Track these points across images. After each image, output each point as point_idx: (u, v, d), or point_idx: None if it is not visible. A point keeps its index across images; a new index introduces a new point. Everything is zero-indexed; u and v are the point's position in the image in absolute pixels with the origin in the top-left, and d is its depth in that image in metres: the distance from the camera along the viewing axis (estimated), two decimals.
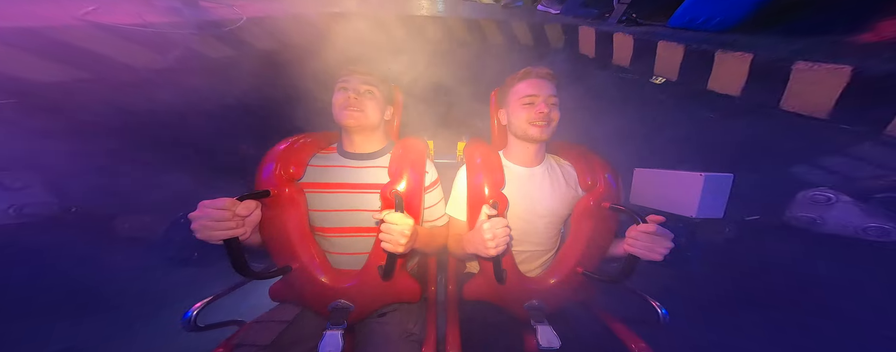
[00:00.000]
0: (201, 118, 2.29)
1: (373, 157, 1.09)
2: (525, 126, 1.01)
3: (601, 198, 1.03)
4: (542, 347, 0.86)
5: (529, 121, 1.00)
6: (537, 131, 1.00)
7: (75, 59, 1.86)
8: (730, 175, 1.58)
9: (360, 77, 1.04)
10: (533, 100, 1.00)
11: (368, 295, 0.98)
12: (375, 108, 1.05)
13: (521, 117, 1.02)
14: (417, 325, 1.00)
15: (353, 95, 1.00)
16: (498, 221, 0.79)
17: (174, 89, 2.15)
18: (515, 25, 3.34)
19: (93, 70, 1.96)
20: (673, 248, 0.82)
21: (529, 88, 1.01)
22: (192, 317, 0.86)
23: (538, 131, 1.00)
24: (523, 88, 1.02)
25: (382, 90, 1.08)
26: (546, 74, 1.02)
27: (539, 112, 0.98)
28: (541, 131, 1.00)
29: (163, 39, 2.08)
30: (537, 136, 1.00)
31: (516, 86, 1.04)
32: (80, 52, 1.83)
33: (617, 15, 2.82)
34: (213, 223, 0.73)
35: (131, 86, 2.09)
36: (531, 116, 0.99)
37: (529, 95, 1.00)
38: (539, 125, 0.99)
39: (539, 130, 0.99)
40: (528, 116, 1.00)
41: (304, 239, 0.97)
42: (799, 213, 1.91)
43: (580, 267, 1.02)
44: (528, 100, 1.00)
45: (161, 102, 2.11)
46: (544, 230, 1.09)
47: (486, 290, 1.05)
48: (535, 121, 0.99)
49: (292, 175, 0.96)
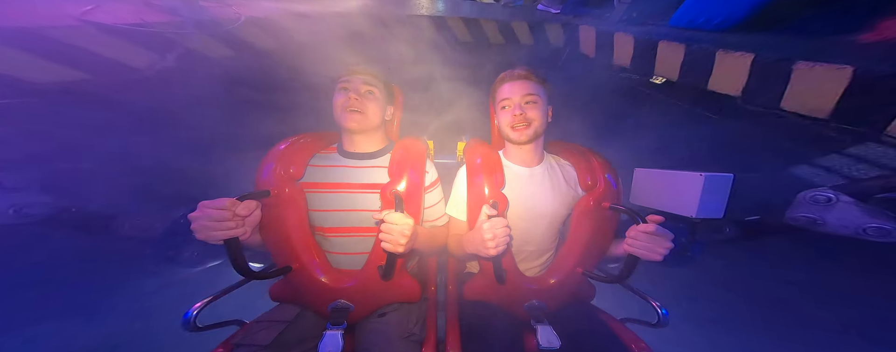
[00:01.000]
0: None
1: (373, 157, 1.09)
2: (506, 130, 1.03)
3: (601, 198, 1.03)
4: (542, 347, 0.86)
5: (508, 124, 1.01)
6: (516, 134, 1.01)
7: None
8: (730, 175, 1.57)
9: (362, 77, 1.04)
10: (507, 103, 1.02)
11: (368, 295, 0.98)
12: (376, 108, 1.05)
13: (502, 121, 1.04)
14: (417, 325, 1.00)
15: (353, 96, 1.00)
16: (498, 221, 0.79)
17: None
18: (515, 25, 3.33)
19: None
20: (673, 248, 0.82)
21: (504, 91, 1.02)
22: (192, 317, 0.86)
23: (516, 134, 1.01)
24: (500, 91, 1.04)
25: (383, 90, 1.08)
26: (521, 75, 1.02)
27: (512, 115, 0.99)
28: (519, 134, 1.00)
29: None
30: (516, 138, 1.02)
31: (496, 90, 1.06)
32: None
33: (617, 14, 2.82)
34: (213, 223, 0.73)
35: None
36: (508, 119, 1.01)
37: (505, 98, 1.02)
38: (518, 128, 1.00)
39: (517, 133, 1.01)
40: (506, 120, 1.02)
41: (305, 239, 0.97)
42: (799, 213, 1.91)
43: (580, 267, 1.02)
44: (505, 103, 1.02)
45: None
46: (544, 230, 1.09)
47: (486, 290, 1.05)
48: (512, 124, 1.00)
49: (292, 175, 0.96)
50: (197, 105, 2.28)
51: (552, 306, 1.02)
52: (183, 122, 2.27)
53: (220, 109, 2.40)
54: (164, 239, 2.03)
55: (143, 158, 2.20)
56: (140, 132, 2.18)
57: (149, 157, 2.21)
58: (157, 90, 2.18)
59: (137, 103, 2.13)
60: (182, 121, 2.27)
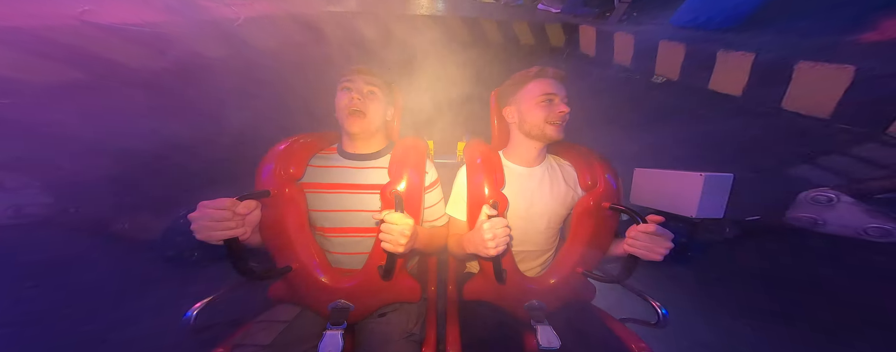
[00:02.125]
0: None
1: (373, 157, 1.09)
2: (542, 125, 1.01)
3: (601, 198, 1.03)
4: (542, 347, 0.85)
5: (548, 120, 1.00)
6: (555, 130, 1.00)
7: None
8: (730, 175, 1.57)
9: (364, 77, 1.03)
10: (552, 98, 1.00)
11: (369, 295, 0.98)
12: (378, 109, 1.05)
13: (539, 116, 1.01)
14: (417, 325, 1.00)
15: (356, 96, 1.00)
16: (498, 221, 0.79)
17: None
18: (516, 24, 3.33)
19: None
20: (673, 248, 0.82)
21: (547, 87, 1.01)
22: (191, 317, 0.86)
23: (555, 130, 1.00)
24: (540, 86, 1.02)
25: (384, 90, 1.08)
26: (561, 75, 1.04)
27: (560, 112, 0.99)
28: (558, 131, 1.00)
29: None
30: (554, 135, 1.01)
31: (530, 84, 1.03)
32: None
33: (618, 14, 2.82)
34: (213, 223, 0.73)
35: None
36: (551, 115, 0.99)
37: (548, 94, 1.00)
38: (557, 125, 1.00)
39: (556, 129, 1.00)
40: (548, 116, 1.00)
41: (304, 239, 0.97)
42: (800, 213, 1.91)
43: (580, 267, 1.02)
44: (546, 98, 1.00)
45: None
46: (544, 230, 1.09)
47: (486, 290, 1.05)
48: (555, 121, 1.00)
49: (292, 175, 0.96)
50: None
51: (552, 306, 1.02)
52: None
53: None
54: (164, 239, 2.03)
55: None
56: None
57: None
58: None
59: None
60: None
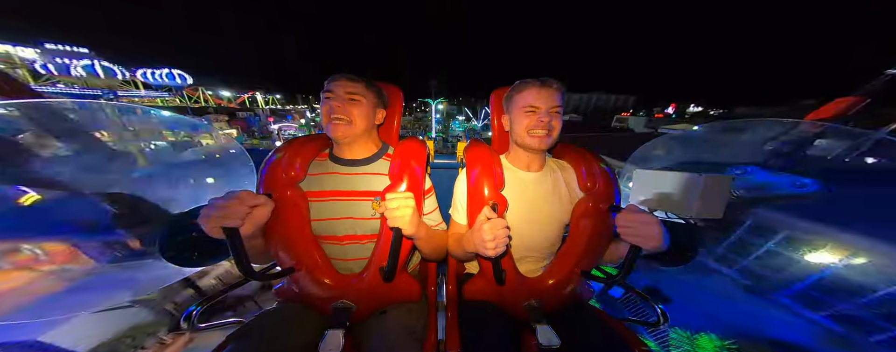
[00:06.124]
0: None
1: (364, 163, 1.08)
2: (523, 134, 1.01)
3: (600, 199, 1.03)
4: (541, 346, 0.86)
5: (528, 129, 1.00)
6: (536, 141, 1.00)
7: None
8: (730, 175, 1.58)
9: (344, 85, 1.01)
10: (534, 109, 0.99)
11: (370, 295, 0.99)
12: (361, 115, 1.02)
13: (522, 125, 1.01)
14: (418, 324, 1.00)
15: (336, 104, 0.98)
16: (498, 223, 0.79)
17: None
18: None
19: None
20: (672, 248, 0.82)
21: (531, 97, 0.99)
22: (192, 317, 0.86)
23: (537, 141, 1.00)
24: (525, 96, 1.00)
25: (369, 95, 1.04)
26: (551, 85, 0.99)
27: (539, 121, 0.98)
28: (539, 141, 0.99)
29: None
30: (535, 145, 1.00)
31: (520, 94, 1.02)
32: None
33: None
34: (219, 210, 0.74)
35: None
36: (531, 124, 0.99)
37: (530, 104, 0.99)
38: (538, 135, 0.99)
39: (538, 140, 0.99)
40: (528, 124, 1.00)
41: (306, 241, 0.98)
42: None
43: (579, 267, 1.02)
44: (530, 109, 1.00)
45: None
46: (545, 234, 1.09)
47: (486, 290, 1.05)
48: (534, 129, 0.99)
49: (293, 178, 0.97)
50: None
51: (551, 306, 1.02)
52: None
53: None
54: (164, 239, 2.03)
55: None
56: None
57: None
58: None
59: None
60: None
